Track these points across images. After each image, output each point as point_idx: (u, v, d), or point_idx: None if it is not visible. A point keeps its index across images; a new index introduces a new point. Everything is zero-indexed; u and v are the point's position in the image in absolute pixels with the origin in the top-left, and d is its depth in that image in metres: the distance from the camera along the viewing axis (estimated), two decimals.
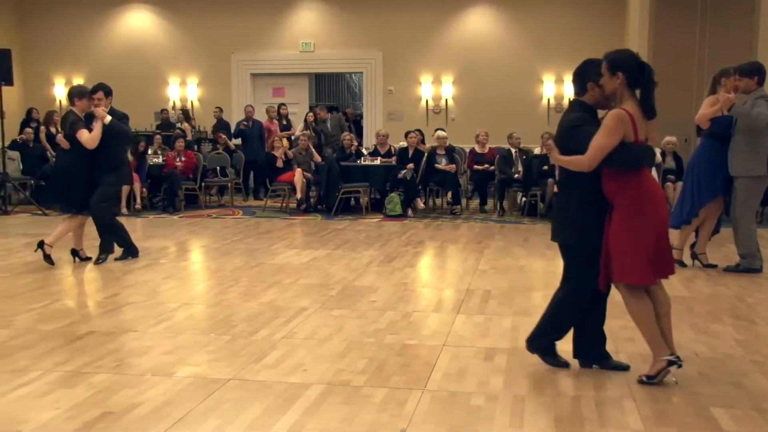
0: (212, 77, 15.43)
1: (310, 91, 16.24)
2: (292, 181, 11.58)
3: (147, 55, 15.37)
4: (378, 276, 6.95)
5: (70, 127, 7.25)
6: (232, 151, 13.09)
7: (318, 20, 15.17)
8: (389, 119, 14.99)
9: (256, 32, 15.13)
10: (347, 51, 15.09)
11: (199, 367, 4.35)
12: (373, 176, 11.58)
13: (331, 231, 9.78)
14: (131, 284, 6.55)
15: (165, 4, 15.30)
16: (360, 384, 4.07)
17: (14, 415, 3.64)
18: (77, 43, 15.45)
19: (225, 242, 8.86)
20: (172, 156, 12.02)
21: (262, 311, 5.60)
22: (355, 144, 12.50)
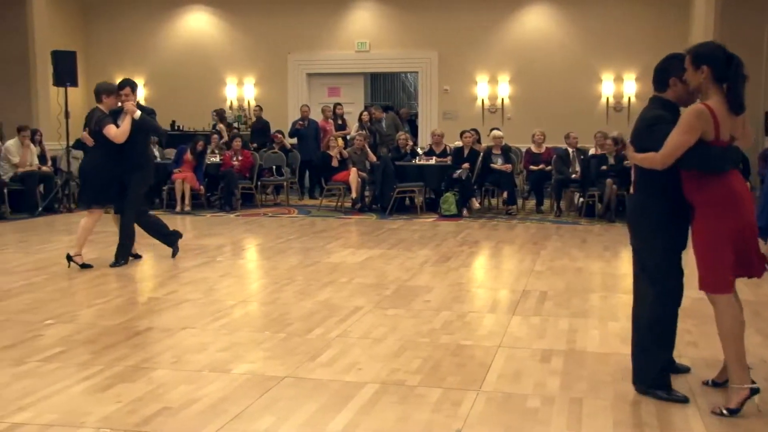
0: (269, 77, 15.60)
1: (365, 91, 16.29)
2: (347, 181, 11.63)
3: (205, 55, 15.62)
4: (433, 276, 6.93)
5: (97, 123, 7.15)
6: (288, 150, 13.22)
7: (374, 20, 15.21)
8: (444, 119, 14.94)
9: (313, 32, 15.24)
10: (403, 50, 15.09)
11: (255, 364, 4.40)
12: (428, 176, 11.55)
13: (385, 230, 9.79)
14: (189, 281, 6.66)
15: (223, 5, 15.53)
16: (414, 384, 4.07)
17: (78, 408, 3.73)
18: (138, 44, 15.79)
19: (280, 241, 8.95)
20: (229, 155, 12.20)
21: (317, 310, 5.64)
22: (410, 144, 12.49)
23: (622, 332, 4.90)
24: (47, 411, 3.66)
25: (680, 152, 3.62)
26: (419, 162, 11.79)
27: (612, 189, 10.48)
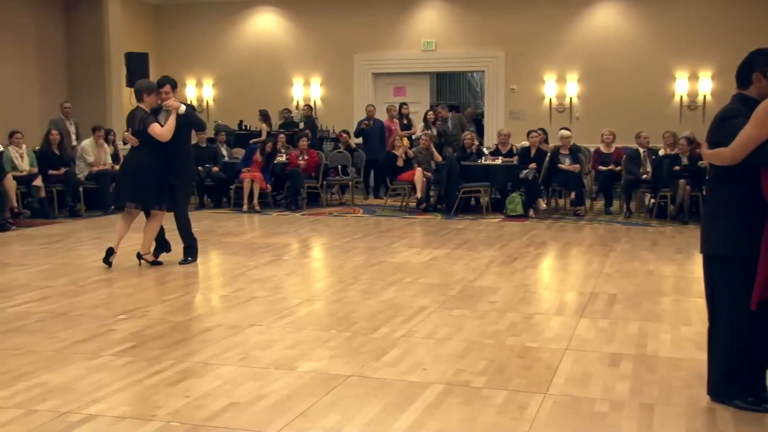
0: (335, 77, 15.72)
1: (431, 90, 16.26)
2: (412, 180, 11.63)
3: (272, 56, 15.85)
4: (498, 276, 6.87)
5: (141, 122, 7.06)
6: (353, 150, 13.29)
7: (440, 19, 15.17)
8: (511, 118, 14.80)
9: (379, 32, 15.30)
10: (469, 49, 15.01)
11: (321, 362, 4.43)
12: (494, 176, 11.47)
13: (450, 230, 9.76)
14: (256, 279, 6.76)
15: (291, 6, 15.72)
16: (480, 385, 4.04)
17: (149, 401, 3.83)
18: (207, 45, 16.12)
19: (345, 240, 9.01)
20: (295, 155, 12.34)
21: (382, 309, 5.66)
22: (476, 143, 12.42)
23: (696, 337, 4.77)
24: (120, 403, 3.77)
25: (751, 147, 3.44)
26: (485, 162, 11.71)
27: (685, 190, 10.21)
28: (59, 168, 11.34)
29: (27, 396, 3.85)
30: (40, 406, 3.71)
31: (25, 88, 13.72)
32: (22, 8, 13.84)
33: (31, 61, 14.01)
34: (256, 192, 11.77)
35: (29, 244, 8.77)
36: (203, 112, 16.18)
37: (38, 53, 14.16)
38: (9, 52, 13.53)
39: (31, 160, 11.21)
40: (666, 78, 14.07)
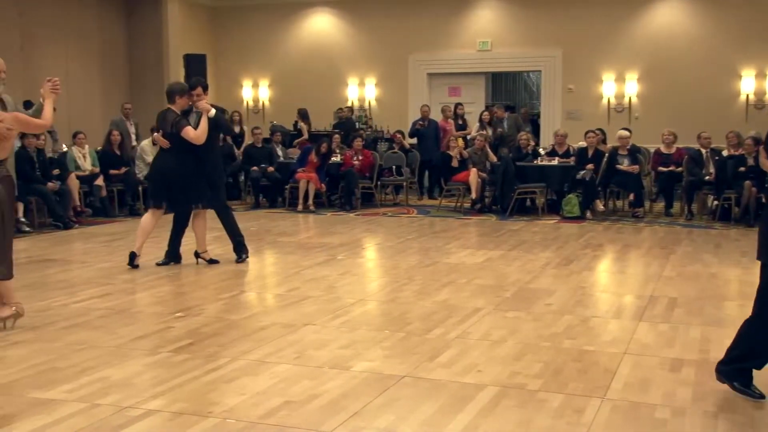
0: (389, 77, 15.74)
1: (486, 90, 16.16)
2: (467, 181, 11.58)
3: (328, 56, 15.95)
4: (554, 279, 6.79)
5: (173, 125, 7.05)
6: (408, 150, 13.30)
7: (495, 19, 15.07)
8: (568, 118, 14.61)
9: (434, 32, 15.27)
10: (525, 49, 14.87)
11: (375, 362, 4.45)
12: (550, 177, 11.34)
13: (505, 232, 9.68)
14: (310, 279, 6.81)
15: (346, 7, 15.81)
16: (535, 388, 4.00)
17: (205, 398, 3.90)
18: (264, 46, 16.30)
19: (399, 240, 9.02)
20: (350, 155, 12.40)
21: (436, 310, 5.64)
22: (532, 144, 12.30)
23: None
24: (177, 399, 3.84)
25: None
26: (541, 162, 11.59)
27: (751, 191, 9.92)
28: (120, 168, 11.61)
29: (89, 390, 3.96)
30: (101, 400, 3.81)
31: (89, 89, 14.10)
32: (87, 13, 14.24)
33: (95, 63, 14.39)
34: (312, 192, 11.86)
35: (91, 242, 9.01)
36: (259, 112, 16.40)
37: (101, 56, 14.54)
38: (74, 55, 13.93)
39: (93, 160, 11.50)
40: (731, 76, 13.70)
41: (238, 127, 14.45)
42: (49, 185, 10.11)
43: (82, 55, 14.15)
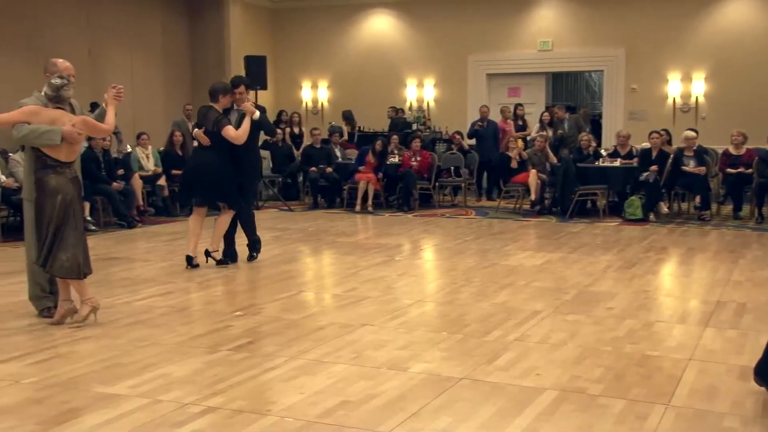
0: (448, 78, 15.70)
1: (546, 91, 15.98)
2: (526, 182, 11.47)
3: (386, 57, 15.98)
4: (616, 282, 6.67)
5: (215, 123, 7.06)
6: (466, 151, 13.23)
7: (557, 18, 14.89)
8: (631, 119, 14.35)
9: (493, 33, 15.17)
10: (587, 49, 14.65)
11: (432, 364, 4.43)
12: (612, 178, 11.14)
13: (565, 234, 9.55)
14: (368, 279, 6.83)
15: (406, 8, 15.82)
16: (596, 393, 3.93)
17: (264, 396, 3.95)
18: (323, 48, 16.43)
19: (457, 242, 8.98)
20: (408, 156, 12.40)
21: (494, 312, 5.60)
22: (594, 145, 12.10)
23: None
24: (237, 397, 3.90)
25: None
26: (603, 164, 11.40)
27: None
28: (181, 168, 11.82)
29: (152, 386, 4.04)
30: (163, 396, 3.89)
31: (152, 91, 14.43)
32: (151, 17, 14.58)
33: (158, 66, 14.73)
34: (371, 193, 11.90)
35: (153, 241, 9.21)
36: (317, 113, 16.53)
37: (164, 58, 14.87)
38: (139, 58, 14.28)
39: (156, 161, 11.76)
40: None
41: (297, 127, 14.61)
42: (114, 185, 10.37)
43: (146, 58, 14.49)
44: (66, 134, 5.08)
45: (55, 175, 5.13)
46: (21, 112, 5.13)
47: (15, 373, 4.24)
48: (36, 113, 5.13)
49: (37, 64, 12.34)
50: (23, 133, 5.09)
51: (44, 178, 5.13)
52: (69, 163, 5.21)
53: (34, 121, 5.08)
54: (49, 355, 4.60)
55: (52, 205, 5.09)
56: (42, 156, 5.14)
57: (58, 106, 5.21)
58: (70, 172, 5.21)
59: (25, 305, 5.64)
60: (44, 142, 5.08)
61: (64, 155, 5.16)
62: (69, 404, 3.78)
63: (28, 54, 12.30)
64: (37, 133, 5.07)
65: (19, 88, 12.01)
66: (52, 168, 5.13)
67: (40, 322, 5.37)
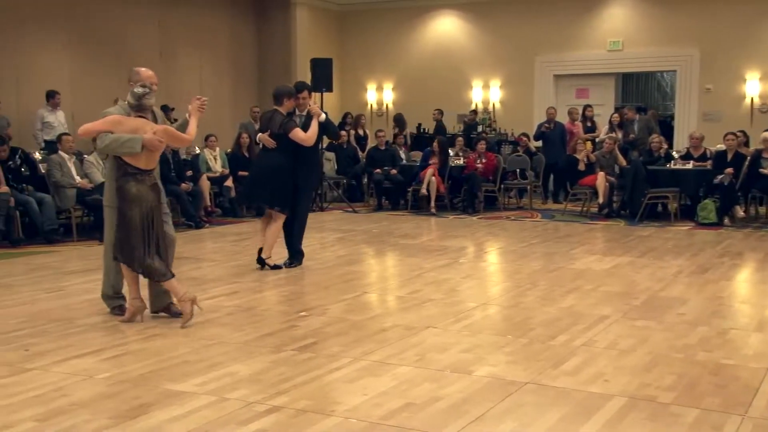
0: (515, 79, 15.57)
1: (616, 92, 15.70)
2: (594, 185, 11.29)
3: (452, 59, 15.94)
4: (688, 287, 6.51)
5: (282, 125, 7.13)
6: (533, 153, 13.10)
7: (628, 17, 14.61)
8: (705, 120, 13.98)
9: (561, 33, 14.98)
10: (659, 48, 14.34)
11: (497, 367, 4.40)
12: (684, 181, 10.88)
13: (635, 237, 9.36)
14: (432, 282, 6.82)
15: (471, 9, 15.75)
16: (667, 401, 3.84)
17: (328, 396, 3.98)
18: (388, 50, 16.49)
19: (523, 245, 8.89)
20: (473, 158, 12.34)
21: (560, 316, 5.53)
22: (665, 147, 11.83)
23: None
24: (301, 397, 3.94)
25: None
26: (674, 166, 11.14)
27: None
28: (248, 169, 12.01)
29: (218, 384, 4.12)
30: (229, 395, 3.96)
31: (220, 94, 14.72)
32: (219, 20, 14.90)
33: (226, 68, 15.03)
34: (433, 194, 11.87)
35: (220, 241, 9.38)
36: (382, 115, 16.59)
37: (232, 61, 15.16)
38: (207, 60, 14.59)
39: (223, 162, 11.97)
40: None
41: (362, 129, 14.69)
42: (183, 186, 10.61)
43: (214, 61, 14.80)
44: (146, 142, 5.19)
45: (135, 182, 5.23)
46: (104, 122, 5.26)
47: (89, 369, 4.38)
48: (119, 122, 5.25)
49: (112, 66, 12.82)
50: (105, 143, 5.22)
51: (125, 185, 5.23)
52: (149, 170, 5.31)
53: (116, 131, 5.21)
54: (120, 351, 4.74)
55: (135, 213, 5.20)
56: (123, 164, 5.24)
57: (141, 114, 5.32)
58: (150, 179, 5.31)
59: (99, 303, 5.81)
60: (125, 150, 5.19)
61: (144, 163, 5.26)
62: (139, 400, 3.89)
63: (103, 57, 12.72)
64: (118, 142, 5.18)
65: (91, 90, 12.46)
66: (132, 176, 5.23)
67: (112, 319, 5.53)
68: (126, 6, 13.13)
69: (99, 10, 12.67)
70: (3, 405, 3.80)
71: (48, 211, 9.12)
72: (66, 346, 4.84)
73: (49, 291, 6.51)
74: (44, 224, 9.06)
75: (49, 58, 12.05)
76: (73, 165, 9.55)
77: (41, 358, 4.58)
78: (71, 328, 5.29)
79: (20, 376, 4.24)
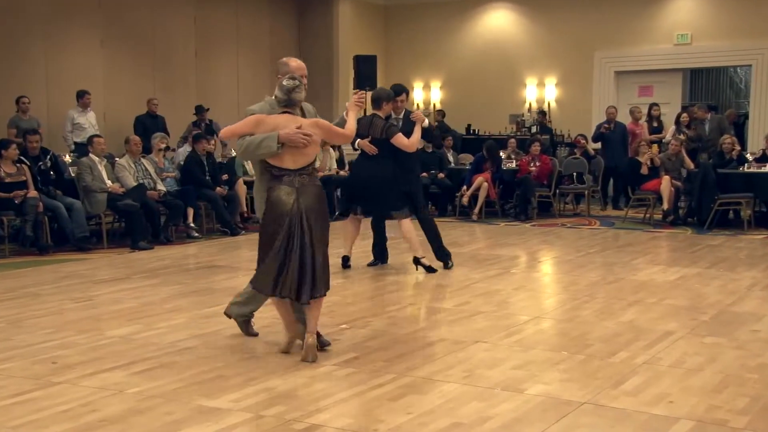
0: (572, 77, 15.45)
1: (683, 89, 15.47)
2: (658, 190, 11.14)
3: (504, 55, 15.88)
4: (763, 302, 6.38)
5: (384, 131, 7.32)
6: (591, 156, 12.97)
7: (697, 8, 14.40)
8: None
9: (623, 26, 14.82)
10: (731, 42, 14.10)
11: (551, 385, 4.36)
12: (760, 186, 10.68)
13: (703, 247, 9.21)
14: (481, 293, 6.80)
15: (525, 2, 15.68)
16: (740, 426, 3.76)
17: (371, 414, 3.98)
18: (436, 47, 16.51)
19: (579, 254, 8.81)
20: (526, 161, 12.27)
21: (620, 332, 5.46)
22: (737, 148, 11.62)
23: None
24: (342, 414, 3.95)
25: None
26: (748, 170, 10.93)
27: None
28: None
29: (254, 400, 4.15)
30: (266, 412, 3.99)
31: (258, 93, 14.75)
32: (259, 16, 15.09)
33: (264, 66, 15.17)
34: (481, 199, 11.84)
35: (256, 249, 9.44)
36: (430, 115, 16.59)
37: (271, 59, 15.26)
38: (245, 58, 14.79)
39: None
40: None
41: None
42: (218, 190, 10.73)
43: (253, 59, 14.98)
44: (283, 138, 4.70)
45: (280, 185, 4.80)
46: (245, 124, 4.85)
47: (119, 383, 4.46)
48: (259, 123, 4.81)
49: (146, 65, 13.05)
50: (241, 150, 4.89)
51: (269, 191, 4.84)
52: (299, 169, 4.82)
53: (257, 132, 4.77)
54: (152, 365, 4.81)
55: (275, 221, 4.79)
56: (268, 166, 4.85)
57: (287, 110, 4.87)
58: (300, 180, 4.82)
59: (128, 313, 5.91)
60: (263, 152, 4.77)
61: (290, 162, 4.79)
62: (172, 416, 3.94)
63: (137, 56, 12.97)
64: (254, 144, 4.76)
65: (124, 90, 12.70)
66: (278, 178, 4.82)
67: (144, 329, 5.61)
68: (160, 2, 13.37)
69: (132, 7, 12.92)
70: (30, 420, 3.89)
71: (78, 216, 9.28)
72: (95, 358, 4.93)
73: (77, 300, 6.64)
74: (75, 231, 9.22)
75: (80, 56, 12.34)
76: (104, 168, 9.72)
77: (69, 371, 4.67)
78: (101, 339, 5.38)
79: (47, 390, 4.33)
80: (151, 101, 12.29)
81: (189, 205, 10.34)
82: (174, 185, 10.59)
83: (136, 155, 10.14)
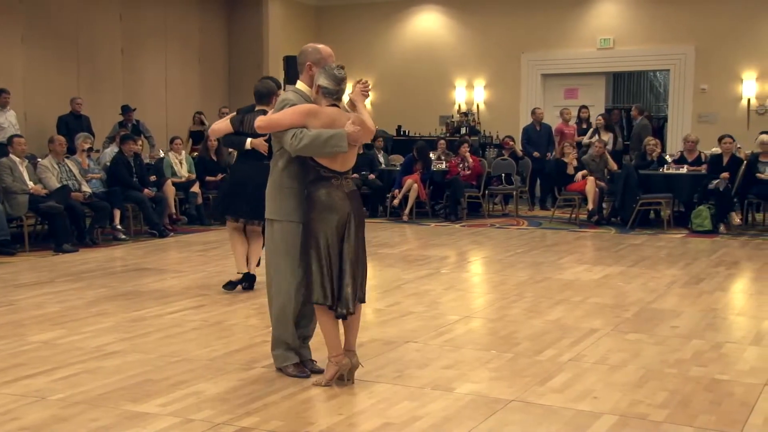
0: (500, 79, 15.65)
1: (606, 92, 15.82)
2: (583, 191, 11.37)
3: (434, 57, 15.99)
4: (681, 299, 6.57)
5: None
6: (519, 157, 13.16)
7: (620, 13, 14.74)
8: (699, 122, 14.13)
9: (549, 30, 15.08)
10: (652, 46, 14.48)
11: (480, 384, 4.41)
12: (678, 186, 11.00)
13: (626, 246, 9.44)
14: (412, 293, 6.84)
15: (454, 4, 15.80)
16: (660, 419, 3.87)
17: (301, 416, 3.96)
18: (367, 47, 16.49)
19: (508, 254, 8.93)
20: (455, 162, 12.37)
21: (547, 330, 5.56)
22: (658, 150, 11.95)
23: None
24: (273, 417, 3.92)
25: None
26: (667, 171, 11.25)
27: None
28: (216, 174, 11.97)
29: (183, 404, 4.09)
30: (195, 416, 3.93)
31: (187, 93, 14.66)
32: (188, 15, 14.83)
33: (193, 66, 14.96)
34: (411, 200, 11.91)
35: (186, 251, 9.34)
36: None
37: (200, 59, 15.11)
38: (173, 58, 14.52)
39: (190, 166, 11.91)
40: None
41: None
42: (146, 192, 10.53)
43: (181, 58, 14.73)
44: (351, 137, 4.24)
45: (332, 189, 4.29)
46: (296, 113, 4.25)
47: (41, 389, 4.34)
48: (315, 114, 4.26)
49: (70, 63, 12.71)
50: (304, 143, 4.17)
51: (316, 192, 4.29)
52: (345, 173, 4.37)
53: (313, 125, 4.22)
54: (76, 370, 4.69)
55: (328, 227, 4.28)
56: (315, 166, 4.29)
57: (334, 103, 4.37)
58: (347, 184, 4.37)
59: (51, 317, 5.76)
60: (329, 150, 4.21)
61: (340, 163, 4.32)
62: (97, 422, 3.85)
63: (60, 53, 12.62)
64: (320, 140, 4.18)
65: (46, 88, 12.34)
66: (327, 180, 4.29)
67: (68, 334, 5.47)
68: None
69: (55, 3, 12.57)
70: None
71: None
72: (16, 365, 4.79)
73: None
74: None
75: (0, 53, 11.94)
76: (25, 169, 9.44)
77: None
78: (23, 345, 5.24)
79: None
80: (74, 100, 11.98)
81: (116, 207, 10.13)
82: (100, 187, 10.36)
83: (60, 156, 9.87)
